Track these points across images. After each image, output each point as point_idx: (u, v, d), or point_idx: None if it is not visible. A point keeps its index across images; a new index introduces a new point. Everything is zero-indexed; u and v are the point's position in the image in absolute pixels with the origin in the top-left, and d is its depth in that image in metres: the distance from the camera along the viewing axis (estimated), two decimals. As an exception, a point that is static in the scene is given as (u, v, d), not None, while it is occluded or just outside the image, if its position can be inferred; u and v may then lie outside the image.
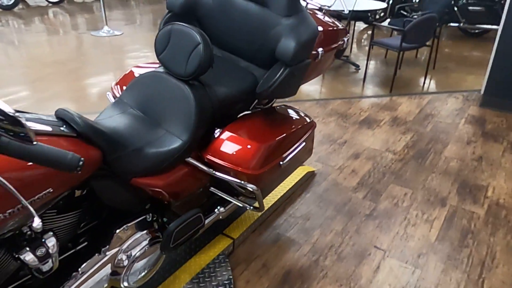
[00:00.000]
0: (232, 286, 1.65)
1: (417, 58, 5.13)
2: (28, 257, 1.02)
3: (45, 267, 1.06)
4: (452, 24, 6.02)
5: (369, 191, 2.39)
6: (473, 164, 2.68)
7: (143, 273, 1.41)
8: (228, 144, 1.45)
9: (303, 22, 1.51)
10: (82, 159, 0.84)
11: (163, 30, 1.44)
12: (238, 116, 1.62)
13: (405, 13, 6.22)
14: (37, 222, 0.84)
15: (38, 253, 1.03)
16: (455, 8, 5.82)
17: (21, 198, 0.86)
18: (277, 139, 1.53)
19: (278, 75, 1.46)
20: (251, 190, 1.46)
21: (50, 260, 1.06)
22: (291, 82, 1.51)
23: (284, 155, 1.58)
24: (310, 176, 2.51)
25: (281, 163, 1.56)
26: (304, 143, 1.69)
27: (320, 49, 1.65)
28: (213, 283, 1.65)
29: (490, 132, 3.12)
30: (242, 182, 1.45)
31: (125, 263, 1.33)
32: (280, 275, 1.79)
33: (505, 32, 3.36)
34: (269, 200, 2.17)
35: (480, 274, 1.79)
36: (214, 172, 1.46)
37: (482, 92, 3.62)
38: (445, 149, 2.87)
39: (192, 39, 1.36)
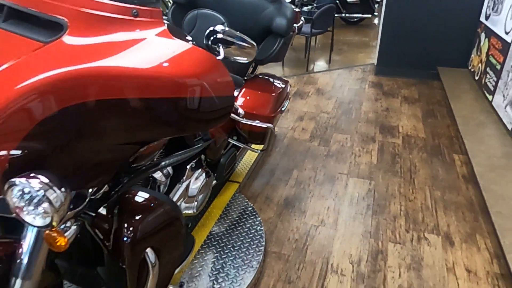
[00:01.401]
0: (254, 208, 2.15)
1: (316, 44, 6.10)
2: (160, 176, 1.40)
3: (165, 184, 1.45)
4: (336, 14, 7.19)
5: (320, 140, 3.08)
6: (384, 113, 3.58)
7: (202, 201, 1.82)
8: (250, 97, 1.95)
9: (284, 5, 2.08)
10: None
11: (190, 14, 1.87)
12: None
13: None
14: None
15: (165, 172, 1.42)
16: (337, 1, 6.99)
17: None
18: (278, 92, 2.08)
19: (276, 44, 2.01)
20: (269, 128, 1.99)
21: (168, 180, 1.46)
22: (283, 49, 2.07)
23: (283, 103, 2.14)
24: (273, 137, 3.10)
25: (282, 109, 2.11)
26: (290, 96, 2.27)
27: (295, 25, 2.24)
28: (239, 210, 2.13)
29: (388, 92, 4.11)
30: (263, 123, 1.97)
31: (195, 192, 1.74)
32: (281, 201, 2.35)
33: (386, 19, 4.40)
34: (252, 156, 2.70)
35: (410, 176, 2.60)
36: (241, 119, 1.95)
37: (375, 64, 4.65)
38: (361, 106, 3.73)
39: (217, 19, 1.83)
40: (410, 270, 1.85)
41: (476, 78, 3.85)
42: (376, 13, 7.33)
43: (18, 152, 0.76)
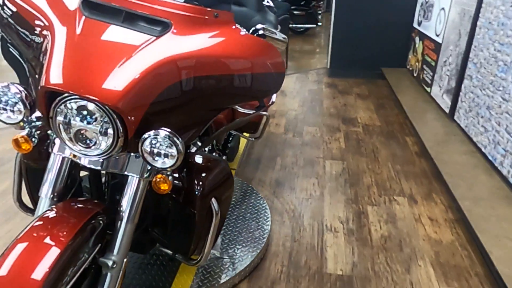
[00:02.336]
0: (253, 187, 2.49)
1: (271, 52, 6.60)
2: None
3: None
4: (284, 25, 7.78)
5: (294, 133, 3.49)
6: (343, 108, 4.10)
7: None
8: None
9: (269, 13, 2.47)
10: None
11: None
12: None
13: (248, 19, 7.68)
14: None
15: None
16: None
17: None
18: (269, 86, 2.46)
19: (265, 46, 2.38)
20: (264, 116, 2.35)
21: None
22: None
23: (272, 96, 2.52)
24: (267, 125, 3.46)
25: (273, 100, 2.49)
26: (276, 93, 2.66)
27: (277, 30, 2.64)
28: (241, 190, 2.46)
29: (343, 90, 4.66)
30: (261, 111, 2.32)
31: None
32: (273, 182, 2.71)
33: (335, 28, 4.98)
34: (241, 146, 3.03)
35: (374, 155, 3.10)
36: (240, 108, 2.28)
37: (328, 67, 5.20)
38: (323, 103, 4.22)
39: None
40: (388, 223, 2.29)
41: (415, 74, 4.52)
42: (319, 23, 8.03)
43: (147, 114, 1.06)
